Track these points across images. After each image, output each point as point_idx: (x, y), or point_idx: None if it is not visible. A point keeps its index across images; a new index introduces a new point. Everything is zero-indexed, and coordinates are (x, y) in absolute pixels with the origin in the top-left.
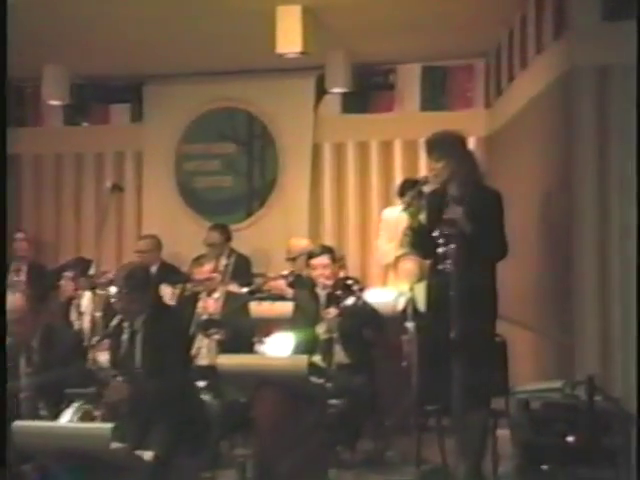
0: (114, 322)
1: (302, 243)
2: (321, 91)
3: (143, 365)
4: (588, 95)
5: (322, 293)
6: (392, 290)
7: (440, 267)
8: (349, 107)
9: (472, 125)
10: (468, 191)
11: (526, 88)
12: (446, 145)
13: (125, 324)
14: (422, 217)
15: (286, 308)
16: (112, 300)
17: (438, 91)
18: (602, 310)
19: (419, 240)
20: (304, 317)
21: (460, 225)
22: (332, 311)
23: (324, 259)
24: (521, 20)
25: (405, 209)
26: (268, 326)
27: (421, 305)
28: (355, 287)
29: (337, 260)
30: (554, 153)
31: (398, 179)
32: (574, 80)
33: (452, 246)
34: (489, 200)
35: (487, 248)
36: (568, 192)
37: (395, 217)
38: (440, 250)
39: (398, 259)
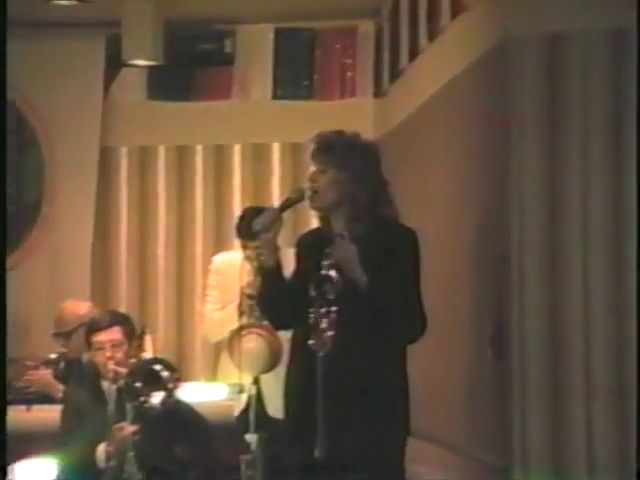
0: None
1: (81, 308)
2: (115, 63)
3: None
4: (535, 70)
5: (111, 388)
6: (225, 383)
7: (311, 344)
8: (160, 91)
9: (354, 122)
10: (366, 225)
11: (439, 66)
12: (338, 153)
13: None
14: (276, 261)
15: (51, 415)
16: None
17: (302, 68)
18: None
19: (274, 300)
20: (78, 431)
21: (350, 276)
22: (128, 427)
23: (114, 333)
24: None
25: (251, 253)
26: (20, 445)
27: (273, 408)
28: (166, 377)
29: (136, 335)
30: (486, 164)
31: (238, 207)
32: (514, 52)
33: (334, 310)
34: (399, 242)
35: (393, 316)
36: (507, 226)
37: (233, 266)
38: (312, 317)
39: (236, 334)
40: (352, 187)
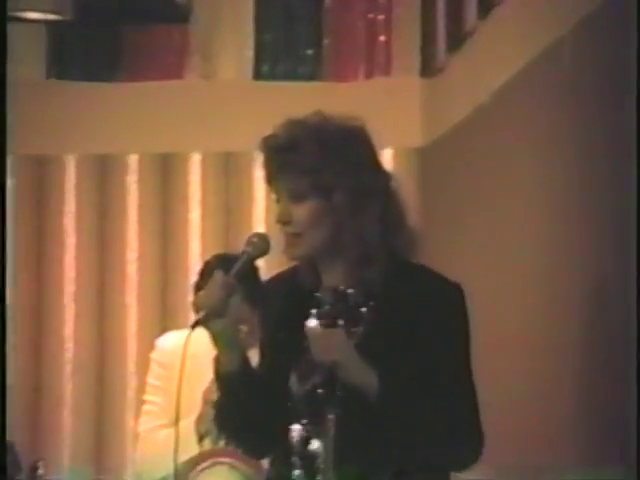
0: None
1: None
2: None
3: None
4: None
5: None
6: None
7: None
8: (68, 64)
9: (389, 118)
10: (379, 271)
11: (532, 25)
12: (320, 165)
13: None
14: (240, 359)
15: None
16: None
17: (302, 28)
18: None
19: (239, 418)
20: None
21: (346, 381)
22: None
23: None
24: None
25: (212, 334)
26: None
27: None
28: None
29: None
30: (601, 169)
31: (196, 251)
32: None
33: (330, 420)
34: (434, 307)
35: (429, 437)
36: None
37: (189, 355)
38: (296, 435)
39: (194, 466)
40: (353, 215)
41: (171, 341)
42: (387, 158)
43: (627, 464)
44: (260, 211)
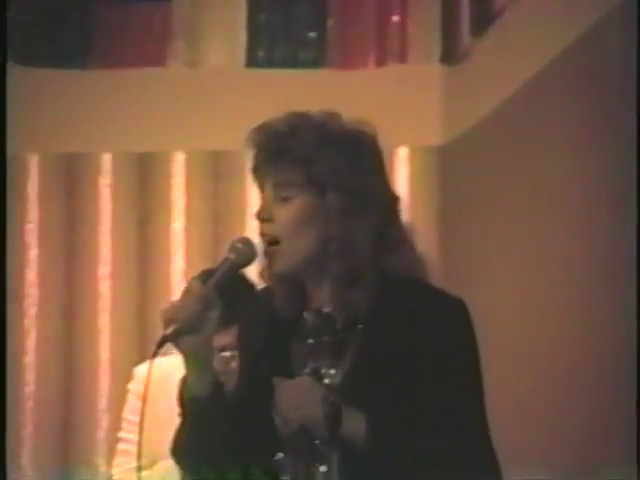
0: None
1: None
2: None
3: None
4: None
5: None
6: None
7: None
8: (28, 48)
9: (405, 111)
10: (369, 289)
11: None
12: (312, 159)
13: None
14: (213, 382)
15: None
16: None
17: (304, 8)
18: None
19: (207, 454)
20: None
21: (323, 433)
22: None
23: None
24: None
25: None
26: None
27: None
28: None
29: None
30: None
31: (180, 262)
32: None
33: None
34: (435, 330)
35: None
36: None
37: (172, 387)
38: None
39: None
40: (344, 221)
41: (150, 368)
42: (401, 158)
43: (627, 464)
44: (254, 219)
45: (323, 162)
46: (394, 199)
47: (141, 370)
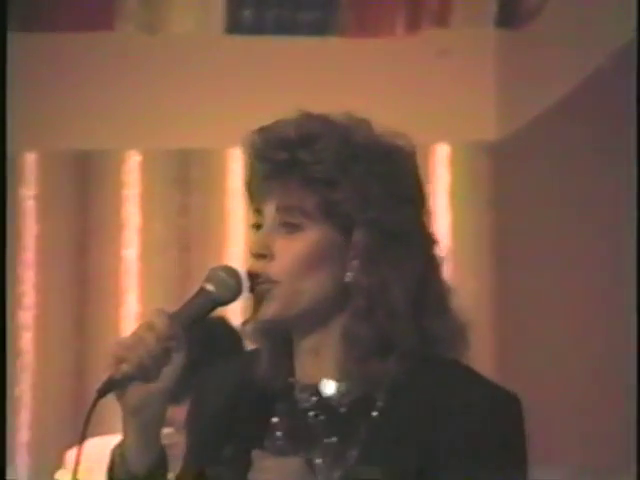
0: None
1: None
2: None
3: None
4: None
5: None
6: None
7: None
8: None
9: (441, 95)
10: (409, 375)
11: None
12: (334, 179)
13: None
14: (158, 452)
15: None
16: None
17: None
18: None
19: None
20: None
21: None
22: None
23: None
24: None
25: None
26: None
27: None
28: None
29: None
30: None
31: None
32: None
33: None
34: (476, 432)
35: None
36: None
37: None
38: None
39: None
40: (378, 268)
41: (94, 452)
42: (440, 159)
43: (627, 464)
44: (237, 245)
45: (349, 186)
46: (432, 242)
47: (71, 455)
